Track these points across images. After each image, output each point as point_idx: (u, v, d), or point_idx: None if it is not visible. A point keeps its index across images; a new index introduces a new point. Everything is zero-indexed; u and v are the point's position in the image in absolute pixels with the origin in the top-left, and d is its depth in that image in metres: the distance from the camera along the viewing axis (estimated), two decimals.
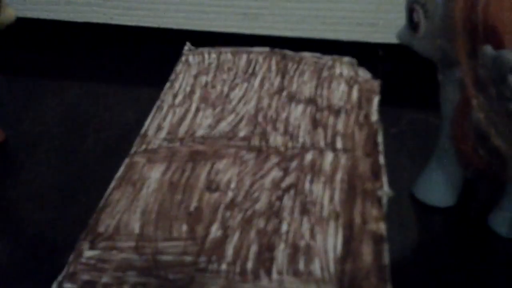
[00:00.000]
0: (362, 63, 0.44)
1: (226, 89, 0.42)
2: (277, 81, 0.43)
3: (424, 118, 0.49)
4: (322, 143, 0.37)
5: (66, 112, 0.50)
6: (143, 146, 0.38)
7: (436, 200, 0.41)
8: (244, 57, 0.46)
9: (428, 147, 0.44)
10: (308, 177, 0.34)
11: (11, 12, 0.46)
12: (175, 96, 0.42)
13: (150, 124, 0.40)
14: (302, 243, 0.30)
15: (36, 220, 0.40)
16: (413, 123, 0.49)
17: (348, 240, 0.31)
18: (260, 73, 0.44)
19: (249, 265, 0.29)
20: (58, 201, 0.42)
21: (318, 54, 0.45)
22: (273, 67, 0.44)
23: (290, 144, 0.37)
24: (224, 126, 0.39)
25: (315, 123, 0.39)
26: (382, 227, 0.31)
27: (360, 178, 0.34)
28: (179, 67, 0.45)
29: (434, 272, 0.36)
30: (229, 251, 0.30)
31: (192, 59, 0.46)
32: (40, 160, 0.45)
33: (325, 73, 0.43)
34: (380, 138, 0.37)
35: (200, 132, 0.38)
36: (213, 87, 0.43)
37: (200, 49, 0.47)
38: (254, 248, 0.30)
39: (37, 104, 0.51)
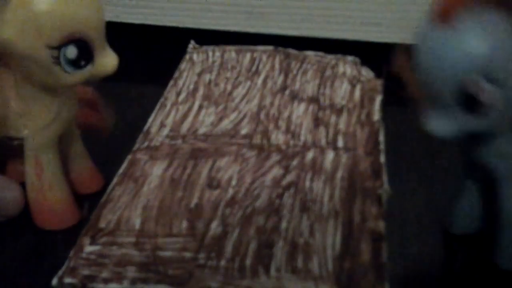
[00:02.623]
0: (366, 62, 0.44)
1: (229, 87, 0.43)
2: (280, 80, 0.43)
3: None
4: (323, 142, 0.37)
5: None
6: (146, 143, 0.38)
7: None
8: (248, 55, 0.46)
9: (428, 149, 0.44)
10: (309, 175, 0.35)
11: (112, 61, 0.33)
12: (178, 93, 0.42)
13: (153, 121, 0.40)
14: (301, 241, 0.31)
15: None
16: (417, 123, 0.49)
17: (347, 238, 0.31)
18: (263, 72, 0.44)
19: (248, 261, 0.30)
20: None
21: (321, 53, 0.45)
22: (277, 66, 0.44)
23: (291, 143, 0.37)
24: (226, 124, 0.39)
25: (317, 122, 0.39)
26: (381, 225, 0.31)
27: (360, 176, 0.34)
28: (183, 65, 0.46)
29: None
30: (228, 247, 0.30)
31: (196, 57, 0.46)
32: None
33: (328, 72, 0.43)
34: (381, 137, 0.37)
35: (202, 130, 0.39)
36: (217, 85, 0.43)
37: (205, 47, 0.47)
38: (253, 245, 0.30)
39: None
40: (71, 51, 0.31)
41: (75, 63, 0.32)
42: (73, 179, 0.39)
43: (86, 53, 0.32)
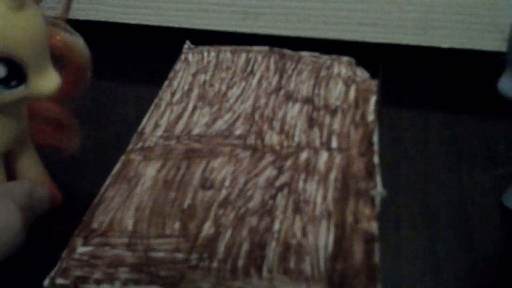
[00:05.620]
0: (362, 63, 0.44)
1: (224, 87, 0.43)
2: (275, 80, 0.43)
3: (424, 118, 0.49)
4: (317, 142, 0.37)
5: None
6: (140, 144, 0.38)
7: None
8: (243, 56, 0.46)
9: (423, 150, 0.44)
10: (302, 176, 0.35)
11: (50, 84, 0.32)
12: (173, 94, 0.42)
13: (147, 122, 0.40)
14: (293, 242, 0.31)
15: None
16: (412, 124, 0.49)
17: (340, 239, 0.31)
18: (258, 72, 0.44)
19: (240, 262, 0.30)
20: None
21: (317, 54, 0.45)
22: (272, 66, 0.44)
23: (285, 143, 0.37)
24: (220, 124, 0.39)
25: (311, 122, 0.39)
26: (373, 226, 0.31)
27: (354, 177, 0.34)
28: (178, 65, 0.46)
29: None
30: (221, 248, 0.30)
31: (191, 57, 0.46)
32: (39, 155, 0.45)
33: (323, 73, 0.43)
34: (375, 138, 0.37)
35: (196, 130, 0.39)
36: (211, 85, 0.43)
37: (200, 48, 0.47)
38: (245, 246, 0.30)
39: None
40: (0, 70, 0.30)
41: (5, 82, 0.31)
42: None
43: (17, 73, 0.31)
